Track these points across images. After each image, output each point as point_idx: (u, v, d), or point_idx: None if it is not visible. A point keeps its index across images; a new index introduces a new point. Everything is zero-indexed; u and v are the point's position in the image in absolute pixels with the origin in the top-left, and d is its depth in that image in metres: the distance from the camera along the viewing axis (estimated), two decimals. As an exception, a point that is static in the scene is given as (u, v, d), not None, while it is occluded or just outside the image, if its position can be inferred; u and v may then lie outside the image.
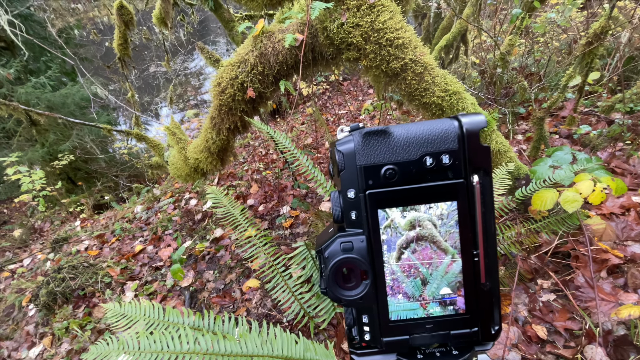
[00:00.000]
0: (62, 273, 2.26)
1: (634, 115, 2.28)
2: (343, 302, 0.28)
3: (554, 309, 1.29)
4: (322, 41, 1.41)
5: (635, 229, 1.49)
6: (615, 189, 1.26)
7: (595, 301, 1.19)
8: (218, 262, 2.26)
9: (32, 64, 5.86)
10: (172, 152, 2.21)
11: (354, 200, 0.27)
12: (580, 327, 1.18)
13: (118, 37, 2.32)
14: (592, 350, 1.08)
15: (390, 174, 0.26)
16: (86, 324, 2.00)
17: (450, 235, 0.27)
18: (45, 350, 1.96)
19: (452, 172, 0.26)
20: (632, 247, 1.39)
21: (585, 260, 1.37)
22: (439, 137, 0.26)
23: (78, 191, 5.14)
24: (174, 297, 2.08)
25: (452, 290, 0.28)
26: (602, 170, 1.39)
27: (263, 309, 1.79)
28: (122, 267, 2.43)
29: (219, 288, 2.05)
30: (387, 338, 0.29)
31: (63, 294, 2.17)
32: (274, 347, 0.90)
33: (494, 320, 0.29)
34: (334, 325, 1.47)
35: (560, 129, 2.51)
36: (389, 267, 0.28)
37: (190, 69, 9.11)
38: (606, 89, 2.82)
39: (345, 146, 0.27)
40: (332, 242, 0.27)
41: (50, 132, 4.97)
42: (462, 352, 0.29)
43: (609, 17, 1.78)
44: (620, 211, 1.62)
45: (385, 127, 0.27)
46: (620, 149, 2.11)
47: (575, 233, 1.49)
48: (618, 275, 1.32)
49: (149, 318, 0.82)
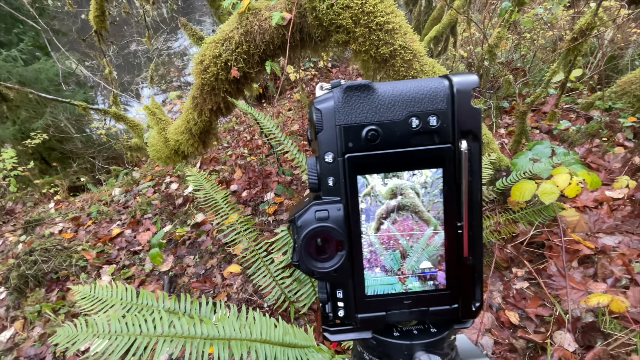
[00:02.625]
0: (34, 256, 2.17)
1: (611, 113, 2.35)
2: (316, 275, 0.26)
3: (527, 296, 1.33)
4: (310, 22, 1.37)
5: (606, 222, 1.55)
6: (591, 182, 1.30)
7: (566, 289, 1.23)
8: (199, 247, 2.22)
9: (3, 36, 5.49)
10: (151, 133, 2.13)
11: (332, 165, 0.25)
12: (550, 313, 1.23)
13: (94, 9, 2.19)
14: (561, 336, 1.13)
15: (373, 135, 0.24)
16: (60, 308, 1.94)
17: (433, 205, 0.26)
18: (17, 334, 1.90)
19: (439, 136, 0.24)
20: (603, 239, 1.44)
21: (558, 250, 1.42)
22: (427, 96, 0.24)
23: (52, 172, 4.92)
24: (152, 281, 2.04)
25: (433, 265, 0.27)
26: (579, 165, 1.43)
27: (244, 294, 1.78)
28: (99, 250, 2.35)
29: (200, 273, 2.02)
30: (362, 314, 0.27)
31: (35, 277, 2.09)
32: (253, 331, 0.90)
33: (475, 296, 0.27)
34: (315, 310, 1.48)
35: (541, 124, 2.56)
36: (366, 238, 0.26)
37: (173, 48, 8.77)
38: (587, 86, 2.90)
39: (325, 104, 0.25)
40: (306, 211, 0.25)
41: (22, 109, 4.71)
42: (440, 329, 0.28)
43: (595, 13, 1.80)
44: (594, 204, 1.67)
45: (369, 82, 0.24)
46: (597, 145, 2.18)
47: (550, 224, 1.54)
48: (588, 265, 1.37)
49: (121, 301, 0.79)
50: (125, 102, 7.28)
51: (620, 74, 2.92)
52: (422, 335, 0.28)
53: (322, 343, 1.29)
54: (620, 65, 3.06)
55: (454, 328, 0.29)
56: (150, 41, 3.22)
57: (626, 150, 2.00)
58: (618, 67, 3.09)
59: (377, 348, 0.28)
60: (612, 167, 1.94)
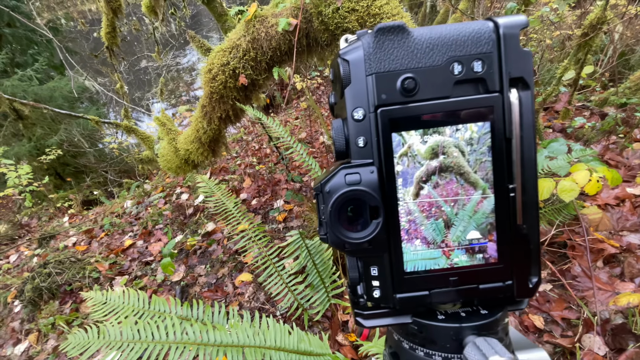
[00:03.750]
0: (49, 268, 2.19)
1: (626, 108, 2.28)
2: (347, 247, 0.23)
3: (551, 299, 1.27)
4: (316, 26, 1.37)
5: (630, 219, 1.48)
6: (611, 179, 1.25)
7: (592, 290, 1.17)
8: (210, 256, 2.21)
9: (19, 57, 5.71)
10: (162, 143, 2.15)
11: (362, 122, 0.22)
12: (577, 316, 1.17)
13: (106, 25, 2.25)
14: (590, 339, 1.07)
15: (410, 84, 0.21)
16: (73, 320, 1.94)
17: (480, 165, 0.22)
18: (31, 347, 1.90)
19: (485, 85, 0.21)
20: (628, 237, 1.38)
21: (581, 250, 1.36)
22: (470, 39, 0.21)
23: (66, 187, 5.02)
24: (164, 291, 2.03)
25: (482, 235, 0.23)
26: (597, 162, 1.38)
27: (256, 302, 1.75)
28: (111, 262, 2.37)
29: (211, 282, 2.00)
30: (401, 294, 0.24)
31: (49, 289, 2.11)
32: (267, 338, 0.87)
33: (532, 271, 0.23)
34: (329, 318, 1.44)
35: (554, 123, 2.51)
36: (404, 205, 0.23)
37: (182, 64, 8.98)
38: (599, 82, 2.84)
39: (353, 54, 0.22)
40: (335, 175, 0.22)
41: (37, 126, 4.85)
42: (492, 311, 0.24)
43: (604, 8, 1.77)
44: (615, 202, 1.61)
45: (402, 23, 0.21)
46: (614, 142, 2.11)
47: (571, 223, 1.48)
48: (614, 264, 1.31)
49: (133, 307, 0.78)
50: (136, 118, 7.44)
51: (632, 70, 2.86)
52: (473, 318, 0.24)
53: (338, 351, 1.25)
54: (632, 61, 3.00)
55: (507, 310, 0.25)
56: (160, 56, 3.30)
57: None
58: (630, 64, 3.03)
59: (419, 334, 0.25)
60: (632, 164, 1.87)
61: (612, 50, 2.66)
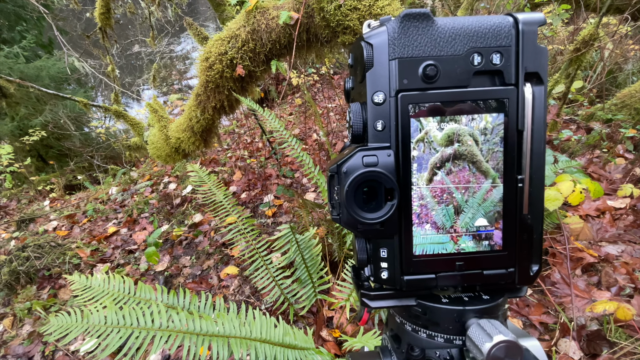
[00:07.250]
0: (27, 252, 2.13)
1: (612, 124, 2.36)
2: (359, 227, 0.23)
3: (530, 303, 1.31)
4: (317, 22, 1.37)
5: (609, 230, 1.54)
6: (593, 191, 1.29)
7: (570, 297, 1.21)
8: (196, 247, 2.19)
9: (7, 33, 5.50)
10: (152, 131, 2.11)
11: (382, 106, 0.22)
12: (555, 321, 1.20)
13: (100, 6, 2.19)
14: (565, 344, 1.10)
15: (431, 71, 0.22)
16: (51, 306, 1.89)
17: (492, 155, 0.23)
18: (5, 332, 1.84)
19: (502, 77, 0.22)
20: (606, 247, 1.43)
21: (561, 257, 1.40)
22: (490, 32, 0.22)
23: (49, 170, 4.87)
24: (147, 281, 2.00)
25: (489, 222, 0.24)
26: (581, 173, 1.42)
27: (241, 295, 1.74)
28: (93, 248, 2.31)
29: (196, 274, 1.98)
30: (409, 276, 0.24)
31: (27, 273, 2.05)
32: (253, 329, 0.87)
33: (533, 259, 0.24)
34: (314, 313, 1.45)
35: (543, 134, 2.58)
36: (417, 190, 0.23)
37: (176, 52, 8.82)
38: (587, 98, 2.92)
39: (377, 38, 0.22)
40: (352, 156, 0.23)
41: (21, 106, 4.69)
42: (493, 297, 0.25)
43: (597, 25, 1.82)
44: (596, 213, 1.67)
45: (428, 11, 0.22)
46: (598, 155, 2.18)
47: (553, 232, 1.53)
48: (592, 273, 1.36)
49: (118, 293, 0.77)
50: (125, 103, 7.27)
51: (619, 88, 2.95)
52: (475, 302, 0.25)
53: (322, 346, 1.26)
54: (619, 79, 3.10)
55: (507, 297, 0.26)
56: (154, 41, 3.23)
57: (627, 161, 2.01)
58: (617, 81, 3.13)
59: (423, 316, 0.26)
60: (613, 178, 1.94)
61: (601, 67, 2.75)
